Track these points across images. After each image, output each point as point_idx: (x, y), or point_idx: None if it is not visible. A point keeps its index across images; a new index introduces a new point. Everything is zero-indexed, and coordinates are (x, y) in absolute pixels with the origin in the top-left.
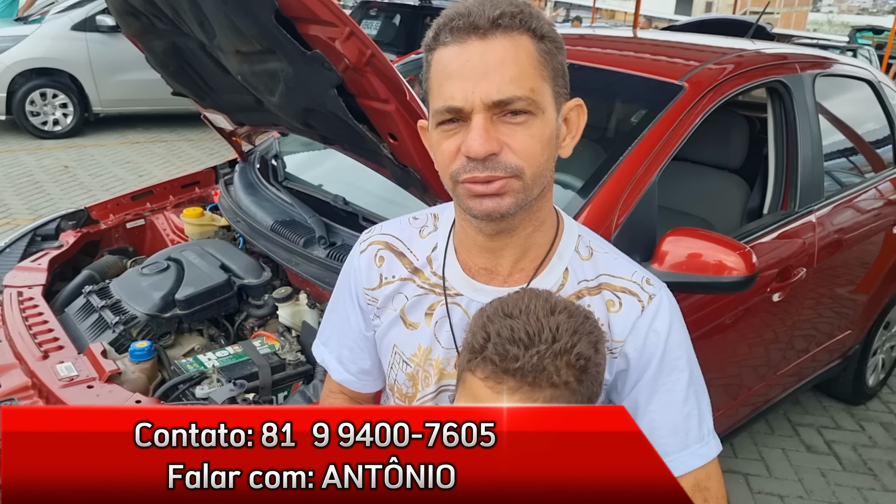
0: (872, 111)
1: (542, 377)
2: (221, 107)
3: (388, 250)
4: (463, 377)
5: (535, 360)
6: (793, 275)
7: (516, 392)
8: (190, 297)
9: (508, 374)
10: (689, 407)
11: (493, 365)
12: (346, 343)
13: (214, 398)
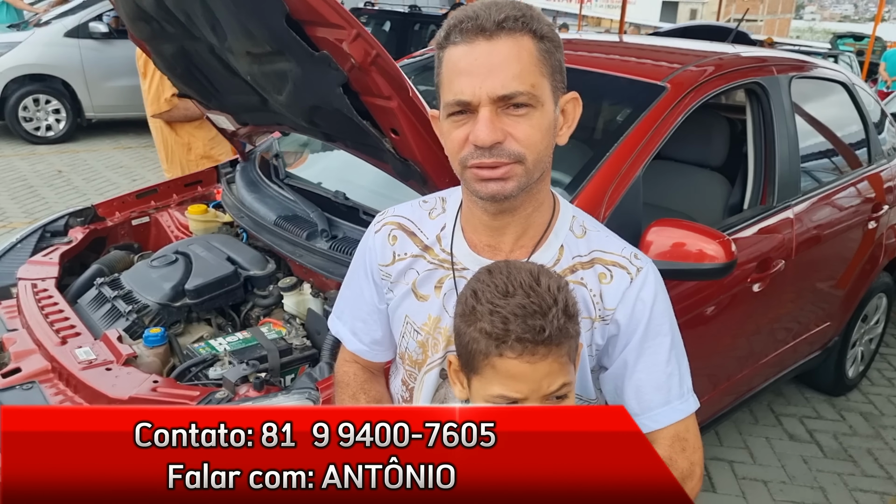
0: (847, 112)
1: (562, 335)
2: (226, 108)
3: (401, 230)
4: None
5: (555, 324)
6: (772, 266)
7: (548, 356)
8: (199, 286)
9: (539, 344)
10: (671, 367)
11: (526, 342)
12: (359, 316)
13: (228, 377)
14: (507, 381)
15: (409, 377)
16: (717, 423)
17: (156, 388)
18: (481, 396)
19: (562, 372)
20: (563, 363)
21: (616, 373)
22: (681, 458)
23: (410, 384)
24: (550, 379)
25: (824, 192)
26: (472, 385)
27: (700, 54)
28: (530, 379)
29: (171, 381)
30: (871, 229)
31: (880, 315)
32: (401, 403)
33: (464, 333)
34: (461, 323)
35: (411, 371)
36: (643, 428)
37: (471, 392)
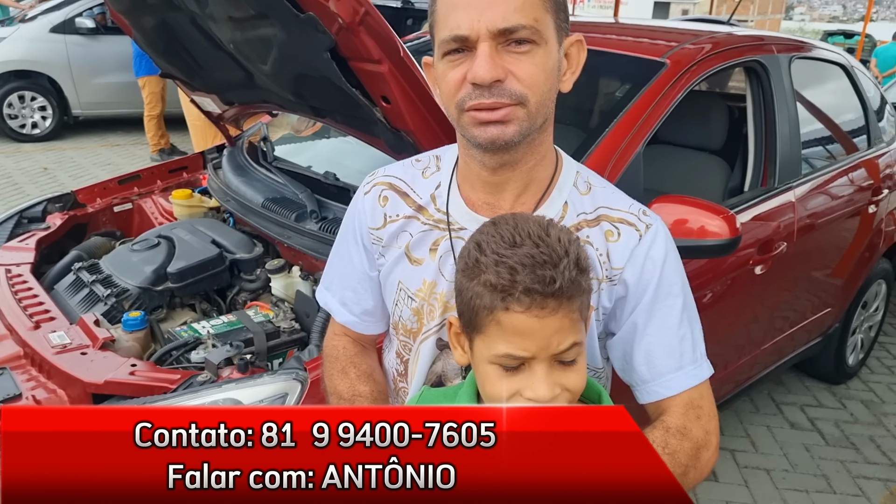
0: (846, 95)
1: (574, 289)
2: (211, 86)
3: (392, 190)
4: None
5: (567, 276)
6: (774, 248)
7: (559, 310)
8: (182, 269)
9: (549, 297)
10: (683, 330)
11: (535, 294)
12: (349, 285)
13: (211, 359)
14: (514, 337)
15: (404, 348)
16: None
17: (134, 371)
18: (485, 358)
19: (572, 330)
20: (573, 320)
21: (625, 337)
22: (696, 427)
23: (405, 356)
24: (560, 336)
25: (825, 175)
26: (475, 347)
27: (698, 33)
28: (539, 335)
29: (151, 364)
30: (870, 214)
31: (879, 302)
32: (395, 378)
33: (466, 289)
34: (463, 278)
35: (406, 342)
36: (654, 395)
37: (473, 355)
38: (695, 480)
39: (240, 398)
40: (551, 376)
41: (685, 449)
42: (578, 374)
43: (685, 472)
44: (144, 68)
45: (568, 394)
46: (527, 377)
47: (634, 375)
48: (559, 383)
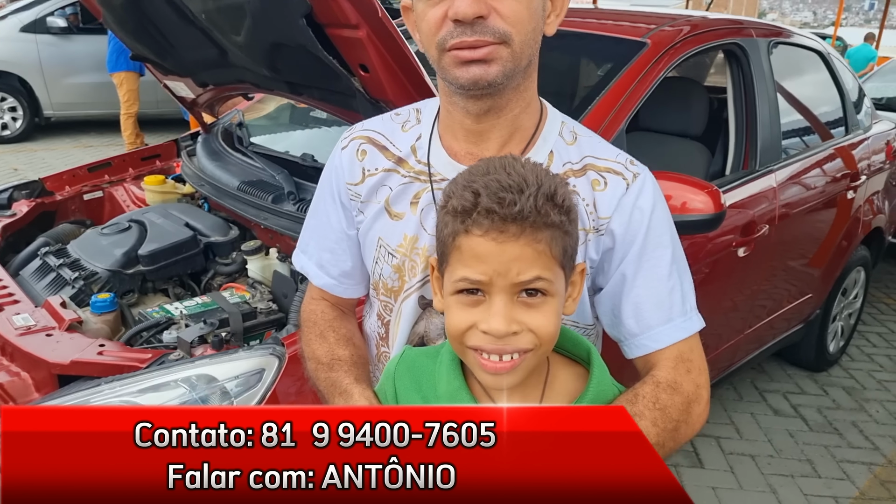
0: (824, 81)
1: (541, 218)
2: (183, 67)
3: (370, 144)
4: (452, 250)
5: (531, 202)
6: (757, 230)
7: (520, 237)
8: (154, 252)
9: (509, 221)
10: (672, 282)
11: (494, 214)
12: (326, 246)
13: (184, 337)
14: (471, 260)
15: (385, 309)
16: None
17: (102, 352)
18: (448, 290)
19: (537, 262)
20: (539, 252)
21: (613, 290)
22: (686, 381)
23: (386, 317)
24: (521, 265)
25: (805, 160)
26: (444, 282)
27: (676, 16)
28: (496, 260)
29: (120, 344)
30: (849, 200)
31: (858, 289)
32: (377, 342)
33: (439, 222)
34: (439, 212)
35: (387, 302)
36: (643, 349)
37: (442, 292)
38: (686, 436)
39: (214, 374)
40: (511, 311)
41: (676, 404)
42: (545, 317)
43: (676, 427)
44: (121, 64)
45: (531, 335)
46: (484, 309)
47: (623, 329)
48: (519, 321)
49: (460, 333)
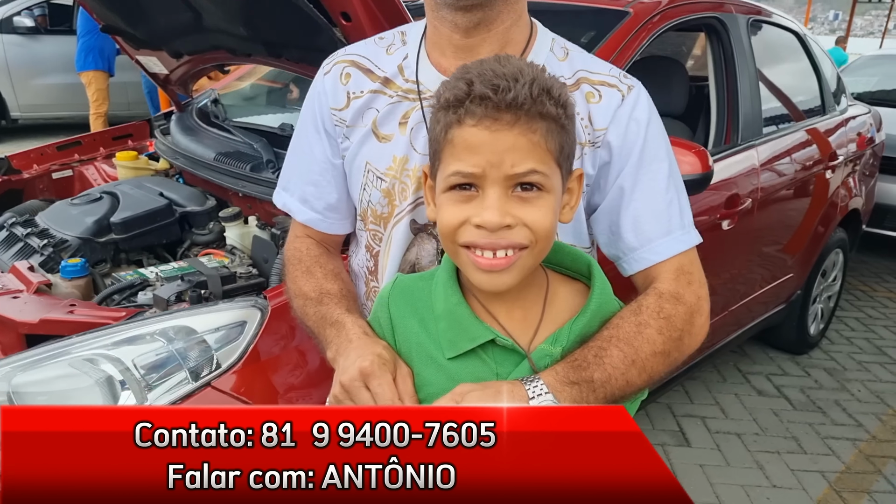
0: (800, 60)
1: (536, 108)
2: (156, 35)
3: (354, 67)
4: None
5: (527, 90)
6: (740, 202)
7: (514, 125)
8: (127, 219)
9: (503, 109)
10: (670, 195)
11: (487, 101)
12: (310, 178)
13: (160, 294)
14: (464, 153)
15: (374, 239)
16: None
17: (73, 310)
18: (440, 188)
19: (532, 154)
20: (534, 143)
21: (610, 205)
22: (687, 293)
23: (375, 248)
24: (515, 156)
25: (785, 136)
26: (437, 182)
27: None
28: (489, 150)
29: (92, 304)
30: (827, 180)
31: (837, 272)
32: (366, 277)
33: (432, 121)
34: (432, 111)
35: (376, 231)
36: (643, 262)
37: (435, 193)
38: (689, 348)
39: (193, 325)
40: (505, 204)
41: (680, 313)
42: (540, 211)
43: (681, 336)
44: (89, 63)
45: (526, 230)
46: (478, 204)
47: (621, 245)
48: (514, 214)
49: (452, 230)
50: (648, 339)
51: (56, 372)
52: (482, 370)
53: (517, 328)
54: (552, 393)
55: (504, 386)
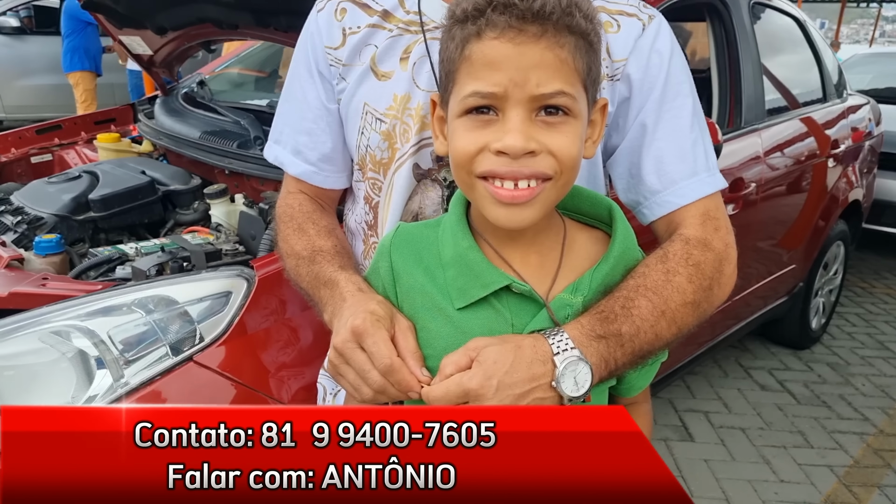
0: (801, 46)
1: (565, 19)
2: (139, 9)
3: (350, 2)
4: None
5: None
6: (745, 187)
7: (541, 38)
8: (106, 196)
9: (529, 19)
10: (695, 134)
11: (513, 8)
12: (303, 127)
13: (139, 266)
14: (483, 70)
15: (373, 189)
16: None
17: (45, 284)
18: (454, 112)
19: (560, 73)
20: (562, 60)
21: (631, 145)
22: (715, 239)
23: (375, 198)
24: (541, 73)
25: (788, 121)
26: (450, 107)
27: None
28: (513, 66)
29: (66, 277)
30: (830, 167)
31: (838, 265)
32: (365, 232)
33: (443, 41)
34: (445, 28)
35: (375, 179)
36: (668, 206)
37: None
38: (718, 299)
39: (174, 296)
40: (529, 128)
41: (709, 260)
42: (567, 137)
43: (710, 286)
44: (76, 63)
45: (551, 159)
46: (498, 127)
47: (642, 188)
48: (539, 140)
49: (469, 158)
50: (678, 287)
51: (23, 346)
52: (496, 321)
53: (534, 276)
54: (578, 348)
55: (525, 340)
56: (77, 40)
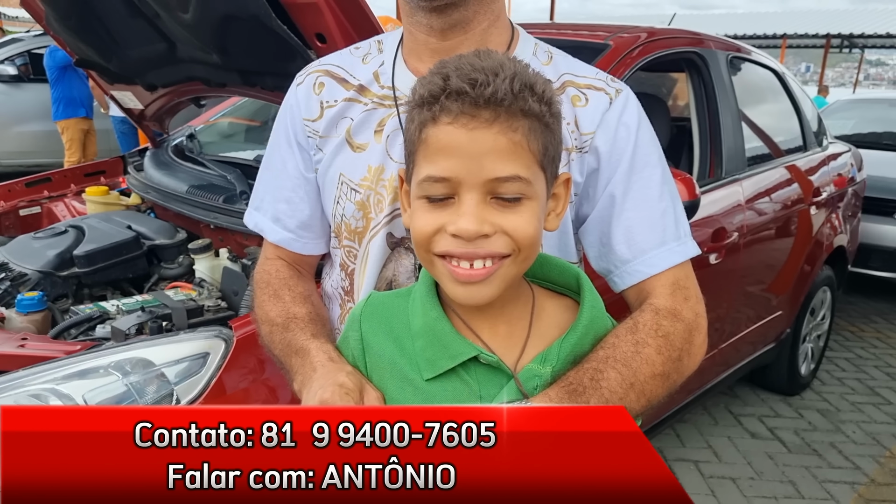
0: (780, 97)
1: (517, 104)
2: (130, 68)
3: (328, 77)
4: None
5: (507, 85)
6: (727, 236)
7: (494, 123)
8: (91, 252)
9: (482, 105)
10: (664, 204)
11: (464, 96)
12: (282, 196)
13: (119, 327)
14: (437, 155)
15: (349, 256)
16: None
17: (24, 344)
18: (414, 194)
19: (513, 156)
20: (516, 143)
21: (601, 215)
22: (685, 309)
23: (350, 265)
24: (495, 158)
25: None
26: (411, 188)
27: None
28: (466, 152)
29: (45, 337)
30: (813, 214)
31: (826, 310)
32: (342, 297)
33: (406, 119)
34: (407, 110)
35: (350, 247)
36: (637, 276)
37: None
38: (688, 369)
39: (151, 357)
40: (483, 211)
41: (678, 331)
42: (522, 217)
43: (680, 356)
44: (61, 112)
45: (506, 238)
46: (454, 210)
47: (613, 257)
48: (492, 222)
49: (426, 238)
50: (647, 359)
51: None
52: (464, 392)
53: (502, 346)
54: None
55: None
56: (61, 90)
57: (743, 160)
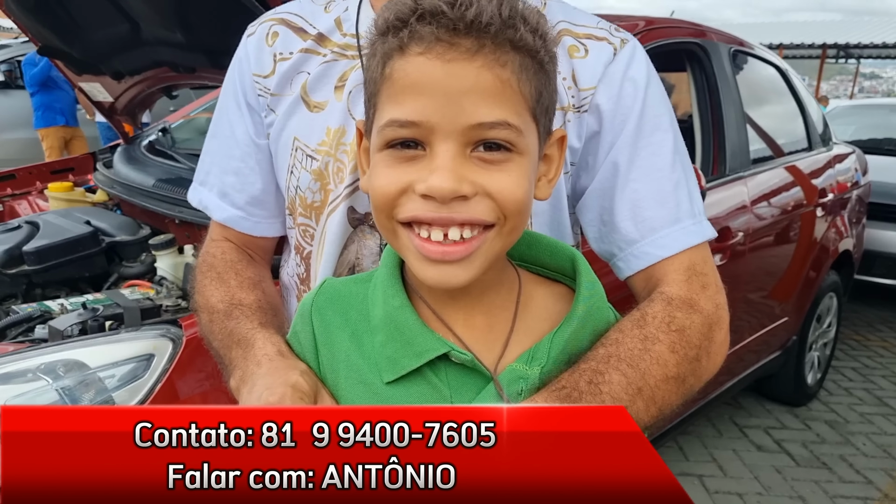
0: (785, 95)
1: (507, 33)
2: (94, 53)
3: (284, 25)
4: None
5: (494, 7)
6: (732, 236)
7: (477, 54)
8: (42, 249)
9: (462, 32)
10: (676, 175)
11: (440, 17)
12: (230, 167)
13: (56, 326)
14: (404, 94)
15: (304, 236)
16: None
17: None
18: (375, 145)
19: (501, 98)
20: (504, 82)
21: (602, 187)
22: (703, 299)
23: (306, 247)
24: (477, 99)
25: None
26: (371, 139)
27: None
28: (441, 89)
29: None
30: (819, 216)
31: (832, 317)
32: (297, 287)
33: (367, 56)
34: (368, 42)
35: (307, 226)
36: (646, 258)
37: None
38: (707, 371)
39: (85, 360)
40: (461, 166)
41: (696, 324)
42: (511, 177)
43: (697, 356)
44: (41, 120)
45: (489, 202)
46: (425, 164)
47: (617, 237)
48: (473, 180)
49: (389, 201)
50: (658, 358)
51: None
52: (432, 398)
53: (480, 341)
54: None
55: None
56: (40, 98)
57: (747, 157)
